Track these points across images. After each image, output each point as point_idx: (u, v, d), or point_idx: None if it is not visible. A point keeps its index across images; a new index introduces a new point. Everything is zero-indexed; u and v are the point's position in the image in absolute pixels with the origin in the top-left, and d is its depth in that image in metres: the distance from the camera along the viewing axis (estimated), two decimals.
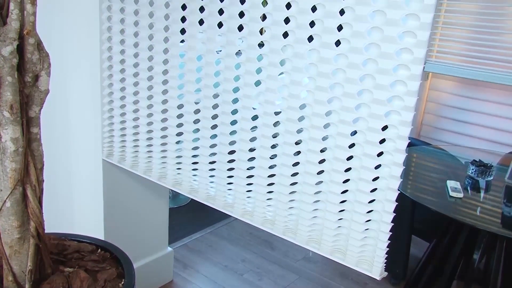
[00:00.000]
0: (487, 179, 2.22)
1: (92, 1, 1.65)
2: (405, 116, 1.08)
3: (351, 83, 1.14)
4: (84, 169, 1.94)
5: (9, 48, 1.08)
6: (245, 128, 1.38)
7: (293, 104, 1.26)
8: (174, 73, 1.53)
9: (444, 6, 3.42)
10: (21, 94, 1.14)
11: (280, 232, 1.39)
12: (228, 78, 1.39)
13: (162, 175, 1.69)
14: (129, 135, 1.74)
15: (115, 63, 1.68)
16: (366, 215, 1.20)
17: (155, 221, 2.19)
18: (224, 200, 1.52)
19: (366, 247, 1.24)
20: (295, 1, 1.19)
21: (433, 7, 0.99)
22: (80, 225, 2.07)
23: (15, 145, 1.15)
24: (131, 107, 1.69)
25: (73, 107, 1.90)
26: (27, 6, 1.07)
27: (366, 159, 1.16)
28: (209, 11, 1.38)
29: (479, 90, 3.44)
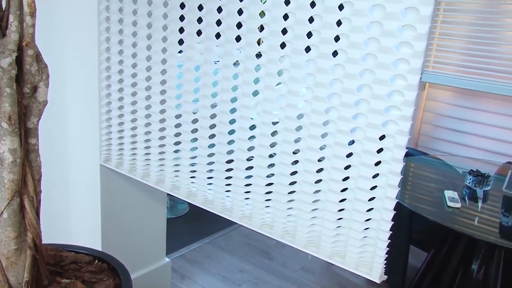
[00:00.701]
0: (485, 189, 2.23)
1: (90, 4, 1.66)
2: (403, 125, 1.08)
3: (349, 93, 1.14)
4: (82, 177, 1.94)
5: (8, 59, 1.08)
6: (243, 137, 1.39)
7: (291, 114, 1.27)
8: (172, 83, 1.54)
9: (440, 17, 3.45)
10: (19, 105, 1.14)
11: (278, 236, 1.38)
12: (226, 88, 1.39)
13: (160, 179, 1.68)
14: (127, 137, 1.73)
15: (113, 73, 1.69)
16: (365, 223, 1.20)
17: (152, 231, 2.18)
18: (223, 204, 1.51)
19: (365, 251, 1.24)
20: (292, 12, 1.20)
21: (429, 18, 1.00)
22: (77, 235, 2.06)
23: (13, 156, 1.15)
24: (129, 109, 1.69)
25: (71, 111, 1.89)
26: (27, 18, 1.08)
27: (363, 168, 1.17)
28: (207, 21, 1.39)
29: (476, 100, 3.46)
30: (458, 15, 3.39)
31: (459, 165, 2.73)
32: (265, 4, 1.25)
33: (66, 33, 1.79)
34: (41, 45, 1.19)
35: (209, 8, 1.37)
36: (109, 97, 1.74)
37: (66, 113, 1.91)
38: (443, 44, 3.48)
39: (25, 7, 1.08)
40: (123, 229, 2.03)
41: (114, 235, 1.99)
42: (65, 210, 2.07)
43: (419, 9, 1.01)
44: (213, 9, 1.36)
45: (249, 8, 1.29)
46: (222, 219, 1.60)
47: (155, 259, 2.24)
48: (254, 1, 1.28)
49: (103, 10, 1.65)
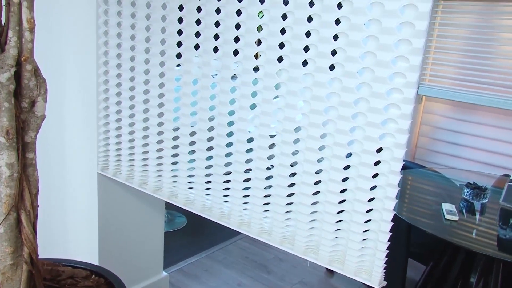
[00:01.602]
0: (482, 201, 2.23)
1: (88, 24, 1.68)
2: (399, 138, 1.09)
3: (346, 107, 1.15)
4: (79, 188, 1.93)
5: (7, 74, 1.09)
6: (241, 150, 1.39)
7: (288, 127, 1.27)
8: (170, 97, 1.55)
9: (436, 31, 3.49)
10: (17, 120, 1.15)
11: (277, 243, 1.38)
12: (224, 102, 1.40)
13: (158, 187, 1.68)
14: (124, 149, 1.74)
15: (111, 83, 1.70)
16: (363, 234, 1.20)
17: (150, 245, 2.17)
18: (221, 211, 1.51)
19: (364, 255, 1.23)
20: (289, 26, 1.22)
21: (425, 32, 1.01)
22: (74, 248, 2.05)
23: (10, 171, 1.15)
24: (127, 121, 1.70)
25: (68, 119, 1.89)
26: (26, 34, 1.09)
27: (361, 181, 1.17)
28: (205, 36, 1.40)
29: (472, 113, 3.48)
30: (453, 30, 3.43)
31: (456, 178, 2.74)
32: (262, 19, 1.27)
33: (64, 39, 1.80)
34: (39, 50, 1.18)
35: (207, 23, 1.39)
36: (106, 110, 1.75)
37: (63, 122, 1.91)
38: (439, 57, 3.51)
39: (24, 23, 1.09)
40: (121, 242, 2.02)
41: (112, 249, 1.98)
42: (62, 223, 2.06)
43: (414, 24, 1.02)
44: (211, 23, 1.38)
45: (246, 23, 1.30)
46: (220, 232, 1.59)
47: (153, 273, 2.22)
48: (251, 16, 1.29)
49: (101, 24, 1.66)
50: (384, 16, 1.06)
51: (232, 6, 1.32)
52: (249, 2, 1.28)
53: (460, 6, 3.39)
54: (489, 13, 3.28)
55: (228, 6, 1.33)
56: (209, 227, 3.25)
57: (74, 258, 2.01)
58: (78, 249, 2.03)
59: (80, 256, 2.00)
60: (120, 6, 1.59)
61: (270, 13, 1.24)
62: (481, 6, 3.31)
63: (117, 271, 1.50)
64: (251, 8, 1.29)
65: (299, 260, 2.93)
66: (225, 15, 1.34)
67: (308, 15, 1.18)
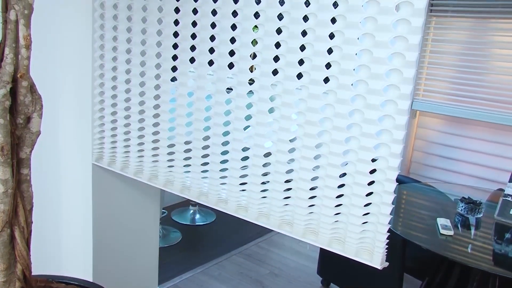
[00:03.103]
0: (477, 216, 2.24)
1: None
2: (395, 148, 1.10)
3: (341, 118, 1.17)
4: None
5: (2, 91, 1.09)
6: (237, 148, 1.40)
7: (283, 137, 1.28)
8: (165, 107, 1.55)
9: (429, 47, 3.53)
10: (12, 136, 1.15)
11: (275, 226, 1.36)
12: (219, 113, 1.41)
13: (153, 175, 1.66)
14: (120, 135, 1.71)
15: (107, 67, 1.70)
16: (364, 211, 1.20)
17: (144, 260, 2.16)
18: (218, 195, 1.50)
19: (366, 231, 1.21)
20: (284, 40, 1.23)
21: (417, 46, 1.03)
22: (68, 264, 2.03)
23: (5, 187, 1.15)
24: (123, 121, 1.69)
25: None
26: (22, 51, 1.10)
27: (357, 187, 1.18)
28: (200, 50, 1.42)
29: (466, 127, 3.51)
30: (446, 45, 3.47)
31: (451, 192, 2.75)
32: (257, 33, 1.28)
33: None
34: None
35: (203, 36, 1.40)
36: (102, 112, 1.74)
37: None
38: (432, 73, 3.55)
39: (21, 40, 1.09)
40: (115, 258, 2.00)
41: (106, 265, 1.97)
42: (56, 238, 2.05)
43: (407, 38, 1.04)
44: (206, 37, 1.39)
45: (241, 37, 1.32)
46: (215, 248, 1.58)
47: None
48: (246, 30, 1.31)
49: (97, 38, 1.67)
50: (378, 30, 1.07)
51: (228, 20, 1.33)
52: (244, 17, 1.30)
53: (452, 22, 3.44)
54: (481, 29, 3.33)
55: (223, 21, 1.35)
56: (204, 242, 3.24)
57: (68, 274, 1.99)
58: (72, 264, 2.01)
59: (74, 271, 1.98)
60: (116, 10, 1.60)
61: (265, 27, 1.26)
62: (473, 23, 3.36)
63: (111, 287, 1.49)
64: (246, 22, 1.30)
65: (294, 275, 2.91)
66: (220, 30, 1.36)
67: (302, 29, 1.19)
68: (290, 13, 1.20)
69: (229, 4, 1.32)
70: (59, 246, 2.04)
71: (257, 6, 1.27)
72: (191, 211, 3.64)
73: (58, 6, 1.72)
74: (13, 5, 1.08)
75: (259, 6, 1.26)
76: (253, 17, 1.28)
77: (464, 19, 3.39)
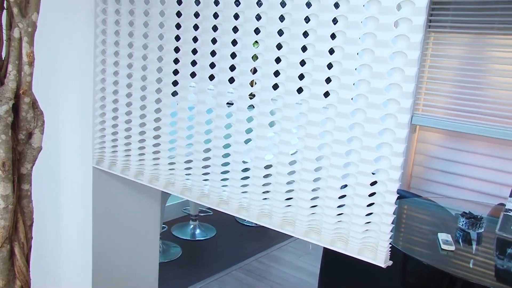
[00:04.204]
0: (478, 231, 2.23)
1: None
2: (395, 161, 1.10)
3: (341, 131, 1.18)
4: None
5: (5, 107, 1.10)
6: (238, 150, 1.40)
7: (284, 150, 1.29)
8: (165, 130, 1.56)
9: (428, 62, 3.56)
10: (14, 152, 1.15)
11: (277, 226, 1.34)
12: (219, 126, 1.42)
13: (154, 176, 1.65)
14: (121, 139, 1.71)
15: (108, 72, 1.70)
16: (367, 210, 1.20)
17: (144, 276, 2.14)
18: (219, 196, 1.48)
19: (369, 230, 1.20)
20: (284, 56, 1.24)
21: (416, 61, 1.04)
22: (67, 280, 2.02)
23: (5, 202, 1.15)
24: (123, 127, 1.69)
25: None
26: (25, 67, 1.11)
27: (358, 199, 1.18)
28: (201, 65, 1.43)
29: (466, 142, 3.51)
30: (445, 60, 3.50)
31: (452, 207, 2.74)
32: (258, 48, 1.30)
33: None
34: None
35: (203, 52, 1.41)
36: (103, 117, 1.74)
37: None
38: (431, 88, 3.57)
39: (24, 57, 1.11)
40: (115, 273, 1.99)
41: (105, 280, 1.95)
42: (55, 252, 2.04)
43: (407, 54, 1.05)
44: (207, 53, 1.40)
45: (242, 52, 1.33)
46: (215, 263, 1.57)
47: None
48: (246, 46, 1.32)
49: (99, 43, 1.69)
50: (377, 46, 1.08)
51: (227, 36, 1.35)
52: (244, 33, 1.32)
53: (450, 38, 3.47)
54: (479, 45, 3.36)
55: (223, 36, 1.36)
56: (204, 257, 3.22)
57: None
58: (71, 279, 2.00)
59: (73, 287, 1.97)
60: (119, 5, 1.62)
61: (265, 42, 1.27)
62: (471, 38, 3.39)
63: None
64: (246, 38, 1.32)
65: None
66: (220, 45, 1.37)
67: (302, 44, 1.21)
68: (290, 29, 1.22)
69: (230, 20, 1.33)
70: (58, 259, 2.03)
71: (258, 22, 1.28)
72: (191, 226, 3.63)
73: (60, 18, 1.74)
74: (17, 23, 1.10)
75: (259, 22, 1.28)
76: (253, 32, 1.30)
77: (462, 35, 3.42)
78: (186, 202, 3.85)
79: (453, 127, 3.47)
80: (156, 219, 2.15)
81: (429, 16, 3.48)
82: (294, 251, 3.44)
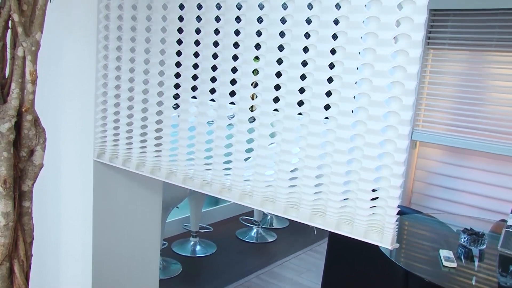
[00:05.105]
0: (480, 247, 2.21)
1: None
2: (396, 169, 1.11)
3: (342, 141, 1.18)
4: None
5: (7, 124, 1.11)
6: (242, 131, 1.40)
7: (287, 137, 1.29)
8: (167, 123, 1.56)
9: (427, 78, 3.58)
10: (15, 169, 1.16)
11: (281, 211, 1.33)
12: (220, 136, 1.43)
13: (156, 167, 1.63)
14: (122, 126, 1.69)
15: (110, 67, 1.70)
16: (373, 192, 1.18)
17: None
18: (222, 184, 1.47)
19: (375, 215, 1.18)
20: (285, 70, 1.26)
21: (416, 75, 1.05)
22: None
23: (6, 220, 1.14)
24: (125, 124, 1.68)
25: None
26: (28, 86, 1.12)
27: (363, 183, 1.18)
28: (202, 79, 1.44)
29: (467, 158, 3.51)
30: (444, 77, 3.52)
31: (453, 223, 2.73)
32: (258, 63, 1.31)
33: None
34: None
35: (204, 66, 1.43)
36: (105, 104, 1.73)
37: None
38: (431, 104, 3.58)
39: (27, 75, 1.12)
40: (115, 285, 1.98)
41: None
42: (55, 268, 2.03)
43: (406, 68, 1.06)
44: (208, 68, 1.42)
45: (242, 66, 1.35)
46: (215, 280, 1.56)
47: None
48: (247, 60, 1.33)
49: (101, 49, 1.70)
50: (377, 61, 1.10)
51: (228, 52, 1.36)
52: (245, 48, 1.33)
53: (449, 54, 3.50)
54: (477, 62, 3.39)
55: (224, 51, 1.38)
56: (205, 274, 3.19)
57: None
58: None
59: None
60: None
61: (266, 57, 1.29)
62: (469, 55, 3.42)
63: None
64: (247, 54, 1.33)
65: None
66: (221, 60, 1.38)
67: (302, 59, 1.22)
68: (290, 45, 1.23)
69: (231, 36, 1.35)
70: (57, 273, 2.02)
71: (258, 38, 1.30)
72: (191, 243, 3.61)
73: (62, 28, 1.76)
74: (22, 42, 1.11)
75: (260, 38, 1.30)
76: (254, 48, 1.31)
77: (460, 51, 3.45)
78: (186, 219, 3.83)
79: (453, 143, 3.48)
80: (157, 237, 2.14)
81: (428, 33, 3.52)
82: (295, 267, 3.42)
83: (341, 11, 1.14)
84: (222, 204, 4.31)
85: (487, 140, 3.34)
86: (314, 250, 3.73)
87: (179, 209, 3.70)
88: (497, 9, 3.21)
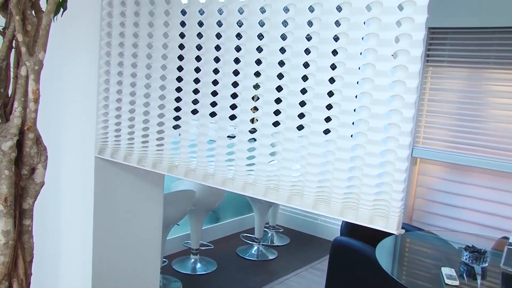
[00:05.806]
0: (483, 265, 2.20)
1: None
2: (401, 153, 1.11)
3: (343, 151, 1.19)
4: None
5: (9, 143, 1.11)
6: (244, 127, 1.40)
7: (291, 124, 1.30)
8: (169, 116, 1.56)
9: (427, 95, 3.60)
10: (16, 187, 1.16)
11: (284, 200, 1.31)
12: (224, 107, 1.43)
13: (158, 161, 1.62)
14: (124, 121, 1.68)
15: (113, 63, 1.70)
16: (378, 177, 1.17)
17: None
18: (224, 176, 1.46)
19: (380, 200, 1.16)
20: (285, 84, 1.27)
21: (415, 89, 1.07)
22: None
23: (6, 238, 1.14)
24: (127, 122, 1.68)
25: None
26: (30, 104, 1.13)
27: (368, 169, 1.18)
28: (203, 93, 1.46)
29: (467, 174, 3.51)
30: (443, 94, 3.54)
31: (455, 240, 2.71)
32: (258, 90, 1.32)
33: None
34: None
35: (205, 80, 1.44)
36: (106, 100, 1.74)
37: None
38: (431, 120, 3.59)
39: (30, 94, 1.13)
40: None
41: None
42: (55, 280, 2.01)
43: (406, 82, 1.07)
44: (208, 93, 1.43)
45: (242, 93, 1.36)
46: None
47: None
48: (248, 75, 1.35)
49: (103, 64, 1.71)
50: (376, 75, 1.11)
51: (228, 79, 1.38)
52: (245, 76, 1.35)
53: (448, 72, 3.52)
54: (476, 79, 3.41)
55: (224, 79, 1.40)
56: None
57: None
58: None
59: None
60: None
61: (265, 85, 1.31)
62: (468, 72, 3.44)
63: None
64: (246, 81, 1.35)
65: None
66: (222, 75, 1.40)
67: (302, 74, 1.24)
68: (291, 60, 1.25)
69: (231, 52, 1.37)
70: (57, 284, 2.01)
71: (259, 53, 1.31)
72: (192, 260, 3.58)
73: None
74: (25, 62, 1.12)
75: (260, 54, 1.31)
76: (253, 75, 1.33)
77: (459, 69, 3.47)
78: (187, 236, 3.81)
79: (454, 159, 3.48)
80: (158, 253, 2.13)
81: (427, 51, 3.55)
82: (296, 285, 3.39)
83: (341, 28, 1.16)
84: (222, 221, 4.29)
85: (488, 156, 3.34)
86: (315, 268, 3.70)
87: (179, 227, 3.68)
88: (494, 28, 3.24)
